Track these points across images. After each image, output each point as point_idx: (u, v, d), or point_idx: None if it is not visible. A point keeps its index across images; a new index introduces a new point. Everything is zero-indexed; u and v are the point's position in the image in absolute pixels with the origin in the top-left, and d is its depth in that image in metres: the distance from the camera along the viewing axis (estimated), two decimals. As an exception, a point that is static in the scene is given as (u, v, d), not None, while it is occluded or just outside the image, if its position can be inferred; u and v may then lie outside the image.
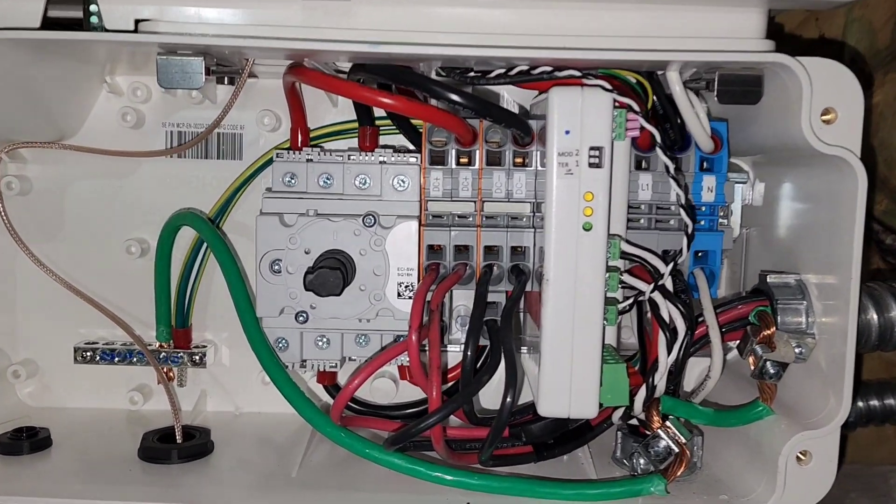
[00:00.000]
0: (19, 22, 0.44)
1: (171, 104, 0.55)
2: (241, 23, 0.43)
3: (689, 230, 0.44)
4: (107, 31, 0.44)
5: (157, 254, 0.53)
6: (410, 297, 0.47)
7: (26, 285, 0.56)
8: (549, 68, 0.42)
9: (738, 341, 0.49)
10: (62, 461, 0.49)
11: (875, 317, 0.51)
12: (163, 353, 0.54)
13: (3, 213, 0.52)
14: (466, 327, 0.51)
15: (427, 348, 0.45)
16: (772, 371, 0.46)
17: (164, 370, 0.54)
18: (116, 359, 0.54)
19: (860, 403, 0.57)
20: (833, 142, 0.42)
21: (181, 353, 0.54)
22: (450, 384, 0.53)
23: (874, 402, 0.57)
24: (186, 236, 0.54)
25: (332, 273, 0.43)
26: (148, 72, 0.54)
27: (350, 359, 0.50)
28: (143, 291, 0.54)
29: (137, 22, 0.44)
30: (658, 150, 0.44)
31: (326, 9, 0.42)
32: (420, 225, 0.48)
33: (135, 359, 0.54)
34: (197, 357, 0.54)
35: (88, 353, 0.54)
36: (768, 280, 0.49)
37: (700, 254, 0.50)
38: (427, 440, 0.45)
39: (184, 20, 0.43)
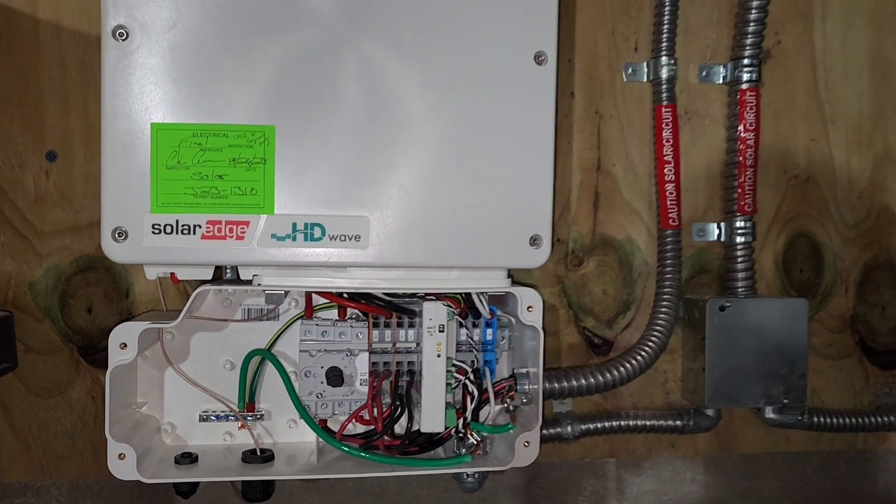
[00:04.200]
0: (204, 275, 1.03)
1: (246, 295, 1.15)
2: (304, 278, 1.04)
3: (479, 360, 1.09)
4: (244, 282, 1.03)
5: (241, 368, 1.10)
6: (365, 384, 1.09)
7: (172, 385, 1.11)
8: (423, 293, 1.06)
9: (502, 397, 1.15)
10: (209, 465, 1.07)
11: (556, 385, 1.19)
12: (242, 415, 1.13)
13: (163, 349, 1.10)
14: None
15: (375, 405, 1.07)
16: (512, 409, 1.11)
17: (243, 423, 1.13)
18: (220, 419, 1.12)
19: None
20: (526, 321, 1.08)
21: (251, 415, 1.12)
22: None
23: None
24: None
25: (340, 377, 1.04)
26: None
27: (334, 412, 1.11)
28: (232, 386, 1.12)
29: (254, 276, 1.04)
30: (465, 328, 1.10)
31: (347, 272, 1.04)
32: (370, 353, 1.09)
33: (229, 418, 1.12)
34: (260, 416, 1.13)
35: (205, 416, 1.12)
36: (515, 371, 1.08)
37: (487, 360, 1.15)
38: (377, 446, 1.07)
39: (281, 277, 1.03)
